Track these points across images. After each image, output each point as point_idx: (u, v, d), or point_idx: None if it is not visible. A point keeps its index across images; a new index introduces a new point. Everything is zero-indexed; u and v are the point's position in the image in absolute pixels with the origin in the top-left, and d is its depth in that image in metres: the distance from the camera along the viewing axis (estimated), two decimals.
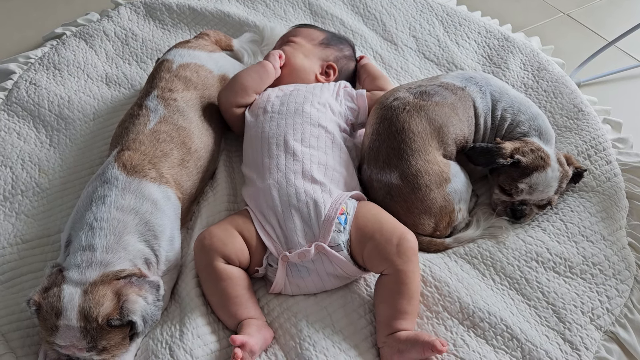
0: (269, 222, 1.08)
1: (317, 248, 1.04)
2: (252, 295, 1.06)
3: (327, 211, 1.07)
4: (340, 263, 1.05)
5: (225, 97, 1.28)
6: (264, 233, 1.08)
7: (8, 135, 1.41)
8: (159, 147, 1.14)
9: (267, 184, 1.11)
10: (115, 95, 1.53)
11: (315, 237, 1.05)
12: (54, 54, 1.63)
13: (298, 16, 1.79)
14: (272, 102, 1.24)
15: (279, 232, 1.07)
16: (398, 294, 1.01)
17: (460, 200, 1.18)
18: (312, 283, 1.07)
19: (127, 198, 1.05)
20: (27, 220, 1.24)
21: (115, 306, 0.93)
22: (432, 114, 1.20)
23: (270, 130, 1.19)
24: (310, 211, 1.07)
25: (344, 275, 1.08)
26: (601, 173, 1.31)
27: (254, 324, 1.02)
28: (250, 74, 1.29)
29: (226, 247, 1.05)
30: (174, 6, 1.78)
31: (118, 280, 0.97)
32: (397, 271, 1.02)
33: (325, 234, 1.05)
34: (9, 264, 1.16)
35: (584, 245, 1.18)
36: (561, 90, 1.51)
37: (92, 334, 0.92)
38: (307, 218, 1.06)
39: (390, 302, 1.01)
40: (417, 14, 1.80)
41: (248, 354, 0.96)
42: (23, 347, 1.03)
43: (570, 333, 1.05)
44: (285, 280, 1.07)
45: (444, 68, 1.63)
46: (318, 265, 1.05)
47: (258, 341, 0.98)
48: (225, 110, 1.29)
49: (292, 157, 1.14)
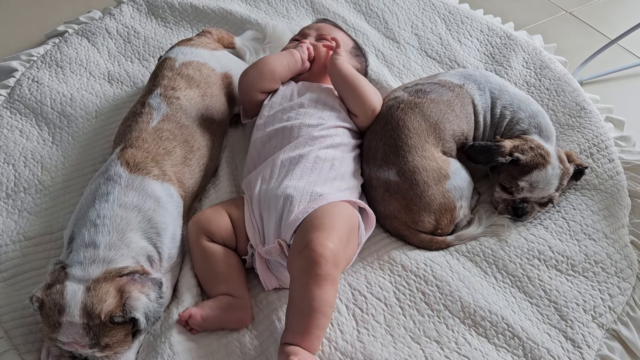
0: (254, 214, 1.10)
1: (280, 245, 1.04)
2: (235, 273, 1.07)
3: (297, 212, 1.05)
4: None
5: (250, 80, 1.25)
6: (249, 224, 1.10)
7: (11, 132, 1.41)
8: (162, 145, 1.14)
9: (258, 174, 1.14)
10: (118, 93, 1.53)
11: (280, 234, 1.06)
12: (56, 51, 1.63)
13: (300, 14, 1.79)
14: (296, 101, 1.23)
15: (258, 226, 1.09)
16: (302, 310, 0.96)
17: (461, 197, 1.18)
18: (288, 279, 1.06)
19: (130, 195, 1.05)
20: (29, 218, 1.24)
21: (118, 303, 0.94)
22: (426, 111, 1.20)
23: (286, 124, 1.19)
24: (284, 209, 1.06)
25: None
26: (603, 171, 1.31)
27: (224, 299, 1.03)
28: (282, 61, 1.26)
29: (210, 225, 1.08)
30: (176, 4, 1.78)
31: (121, 277, 0.97)
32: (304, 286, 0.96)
33: (288, 231, 1.04)
34: (11, 261, 1.16)
35: (586, 243, 1.18)
36: (563, 88, 1.51)
37: (94, 330, 0.92)
38: (280, 213, 1.07)
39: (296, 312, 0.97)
40: (420, 12, 1.80)
41: (194, 324, 1.00)
42: (26, 343, 1.03)
43: (572, 331, 1.05)
44: (269, 273, 1.08)
45: (446, 66, 1.63)
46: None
47: (207, 314, 1.00)
48: (247, 91, 1.26)
49: (294, 161, 1.13)
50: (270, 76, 1.25)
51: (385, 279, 1.12)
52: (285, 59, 1.26)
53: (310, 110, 1.21)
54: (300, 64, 1.27)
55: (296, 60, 1.27)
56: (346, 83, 1.22)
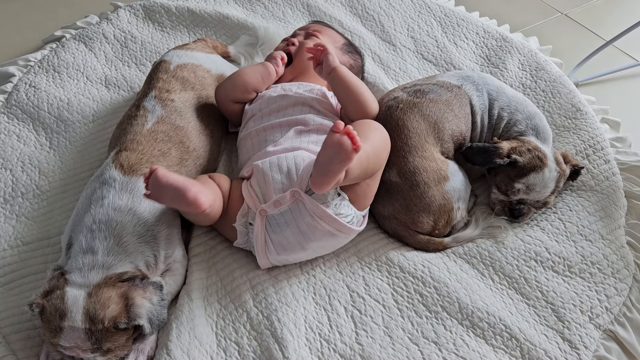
0: (252, 185, 1.12)
1: (293, 194, 1.06)
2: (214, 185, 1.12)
3: (307, 163, 1.10)
4: (317, 210, 1.05)
5: (224, 90, 1.29)
6: (245, 191, 1.12)
7: (8, 137, 1.41)
8: (157, 147, 1.15)
9: (254, 162, 1.16)
10: (115, 98, 1.53)
11: (292, 185, 1.08)
12: (53, 56, 1.63)
13: (297, 18, 1.80)
14: (273, 103, 1.26)
15: (258, 191, 1.11)
16: None
17: (459, 199, 1.19)
18: (294, 237, 1.07)
19: (124, 198, 1.05)
20: (27, 223, 1.24)
21: (121, 309, 0.94)
22: (425, 110, 1.20)
23: (265, 127, 1.22)
24: (289, 166, 1.10)
25: (325, 228, 1.07)
26: (599, 172, 1.31)
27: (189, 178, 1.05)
28: (254, 73, 1.30)
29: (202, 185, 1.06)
30: (172, 9, 1.78)
31: (122, 283, 0.97)
32: None
33: (301, 181, 1.08)
34: (9, 266, 1.16)
35: (582, 244, 1.18)
36: (559, 89, 1.51)
37: (97, 335, 0.92)
38: (286, 172, 1.10)
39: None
40: (416, 14, 1.81)
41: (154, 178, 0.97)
42: (24, 349, 1.03)
43: (569, 332, 1.05)
44: (266, 238, 1.08)
45: (442, 68, 1.63)
46: (296, 214, 1.07)
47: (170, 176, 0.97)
48: (221, 102, 1.30)
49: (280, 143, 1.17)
50: (243, 87, 1.29)
51: (383, 280, 1.12)
52: (258, 72, 1.31)
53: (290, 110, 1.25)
54: (274, 75, 1.32)
55: (270, 72, 1.31)
56: (346, 89, 1.22)
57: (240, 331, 1.05)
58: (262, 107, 1.27)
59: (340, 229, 1.08)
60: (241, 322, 1.06)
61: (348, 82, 1.21)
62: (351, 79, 1.22)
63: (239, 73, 1.30)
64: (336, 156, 0.94)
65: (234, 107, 1.30)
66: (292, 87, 1.30)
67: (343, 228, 1.08)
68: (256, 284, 1.11)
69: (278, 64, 1.32)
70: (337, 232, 1.08)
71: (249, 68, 1.32)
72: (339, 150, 0.93)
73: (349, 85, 1.21)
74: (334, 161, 0.94)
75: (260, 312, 1.07)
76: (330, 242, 1.10)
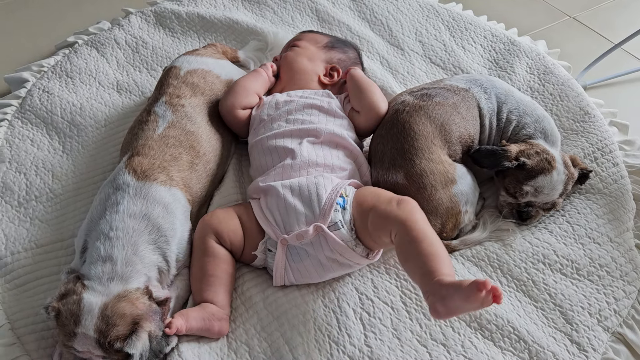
0: (269, 209, 1.12)
1: (316, 229, 1.06)
2: (227, 283, 1.09)
3: (328, 194, 1.10)
4: (338, 246, 1.06)
5: (226, 101, 1.31)
6: (263, 219, 1.12)
7: (22, 142, 1.44)
8: (168, 152, 1.16)
9: (270, 180, 1.16)
10: (126, 102, 1.55)
11: (315, 219, 1.08)
12: (66, 62, 1.66)
13: (305, 22, 1.81)
14: (280, 108, 1.28)
15: (278, 218, 1.10)
16: (415, 241, 0.98)
17: (466, 202, 1.19)
18: (313, 268, 1.08)
19: (138, 204, 1.07)
20: (41, 226, 1.26)
21: (125, 333, 0.95)
22: (432, 113, 1.21)
23: (276, 134, 1.23)
24: (311, 194, 1.10)
25: (345, 261, 1.08)
26: (608, 175, 1.31)
27: (208, 309, 1.05)
28: (249, 77, 1.35)
29: (220, 225, 1.11)
30: (183, 14, 1.81)
31: (140, 303, 0.98)
32: (403, 223, 1.00)
33: (325, 216, 1.07)
34: (23, 268, 1.18)
35: (590, 247, 1.18)
36: (567, 93, 1.52)
37: (104, 347, 0.94)
38: (308, 202, 1.09)
39: (413, 253, 0.98)
40: (424, 19, 1.82)
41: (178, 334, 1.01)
42: (38, 349, 1.05)
43: (577, 334, 1.06)
44: (286, 265, 1.09)
45: (450, 72, 1.64)
46: (317, 248, 1.07)
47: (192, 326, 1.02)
48: (228, 113, 1.31)
49: (297, 157, 1.17)
50: (244, 91, 1.32)
51: (392, 283, 1.13)
52: (253, 77, 1.35)
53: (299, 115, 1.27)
54: (266, 77, 1.37)
55: (263, 77, 1.36)
56: (358, 87, 1.30)
57: (250, 332, 1.06)
58: (270, 112, 1.29)
59: (359, 263, 1.10)
60: (251, 323, 1.07)
61: (360, 80, 1.30)
62: (363, 78, 1.31)
63: (236, 82, 1.34)
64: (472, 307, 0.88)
65: (241, 115, 1.31)
66: (297, 92, 1.33)
67: (361, 261, 1.10)
68: (267, 287, 1.12)
69: (268, 69, 1.38)
70: (354, 265, 1.11)
71: (243, 76, 1.37)
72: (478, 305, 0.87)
73: (361, 83, 1.29)
74: (467, 308, 0.88)
75: (270, 314, 1.08)
76: (346, 271, 1.12)
